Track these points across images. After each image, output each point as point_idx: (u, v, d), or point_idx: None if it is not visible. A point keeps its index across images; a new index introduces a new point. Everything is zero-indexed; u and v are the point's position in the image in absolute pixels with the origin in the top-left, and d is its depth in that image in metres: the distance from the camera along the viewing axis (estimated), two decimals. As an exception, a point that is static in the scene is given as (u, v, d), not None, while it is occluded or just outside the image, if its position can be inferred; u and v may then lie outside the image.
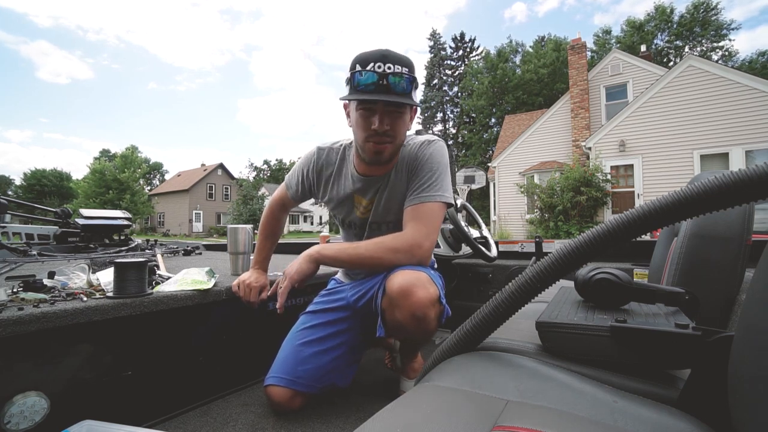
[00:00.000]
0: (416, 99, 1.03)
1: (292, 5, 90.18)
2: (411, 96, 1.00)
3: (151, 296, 1.07)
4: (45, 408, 0.89)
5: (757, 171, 0.39)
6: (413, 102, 1.00)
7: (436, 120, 33.27)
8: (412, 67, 0.99)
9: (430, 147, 1.11)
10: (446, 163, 1.11)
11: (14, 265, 1.56)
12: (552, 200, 10.70)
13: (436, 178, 1.07)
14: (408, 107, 1.04)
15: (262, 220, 1.39)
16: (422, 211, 1.05)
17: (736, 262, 0.81)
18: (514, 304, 0.54)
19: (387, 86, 0.95)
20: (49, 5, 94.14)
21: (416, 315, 1.01)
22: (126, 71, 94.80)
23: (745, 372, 0.38)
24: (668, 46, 26.98)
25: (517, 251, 2.39)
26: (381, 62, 0.95)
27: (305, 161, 1.25)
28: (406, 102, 0.98)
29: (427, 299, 1.01)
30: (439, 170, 1.09)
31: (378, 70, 0.95)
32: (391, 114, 1.01)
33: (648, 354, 0.57)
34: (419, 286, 1.01)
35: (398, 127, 1.04)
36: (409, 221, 1.06)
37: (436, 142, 1.13)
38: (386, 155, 1.07)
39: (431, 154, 1.10)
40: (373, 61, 0.95)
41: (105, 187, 23.86)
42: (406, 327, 1.05)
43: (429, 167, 1.08)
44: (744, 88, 9.12)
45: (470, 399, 0.47)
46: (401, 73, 0.96)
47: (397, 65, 0.96)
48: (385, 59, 0.96)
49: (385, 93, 0.96)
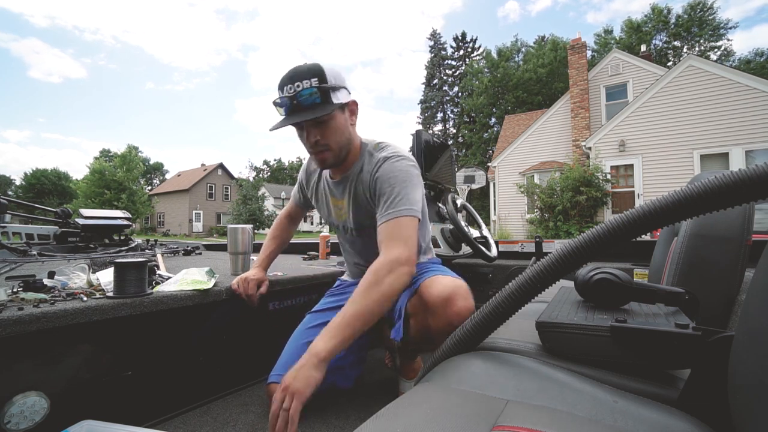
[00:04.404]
0: (339, 99, 1.03)
1: (289, 5, 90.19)
2: (327, 103, 1.01)
3: (151, 296, 1.07)
4: (45, 408, 0.89)
5: (757, 171, 0.39)
6: (323, 112, 1.00)
7: (437, 120, 33.28)
8: (321, 75, 1.00)
9: (386, 165, 1.09)
10: (407, 177, 1.07)
11: (14, 265, 1.56)
12: (552, 200, 10.69)
13: (398, 193, 1.04)
14: (336, 112, 1.04)
15: (272, 225, 1.48)
16: (391, 229, 1.01)
17: (736, 262, 0.81)
18: (514, 304, 0.54)
19: (299, 105, 1.00)
20: (45, 5, 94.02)
21: (454, 325, 0.99)
22: (123, 71, 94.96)
23: (745, 372, 0.38)
24: (666, 46, 27.01)
25: (517, 251, 2.39)
26: (290, 83, 0.99)
27: (301, 169, 1.35)
28: (316, 115, 0.99)
29: (467, 310, 1.01)
30: (399, 186, 1.05)
31: (289, 93, 0.99)
32: (317, 125, 1.04)
33: (648, 354, 0.57)
34: (461, 296, 1.01)
35: (328, 134, 1.05)
36: (381, 242, 1.01)
37: (395, 159, 1.10)
38: (330, 161, 1.11)
39: (389, 170, 1.07)
40: (284, 85, 1.00)
41: (104, 187, 23.85)
42: (436, 335, 1.03)
43: (389, 185, 1.06)
44: (744, 88, 9.12)
45: (470, 399, 0.47)
46: (309, 87, 0.99)
47: (305, 80, 0.99)
48: (293, 79, 0.99)
49: (298, 112, 1.01)
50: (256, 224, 23.49)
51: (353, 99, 1.11)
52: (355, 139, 1.15)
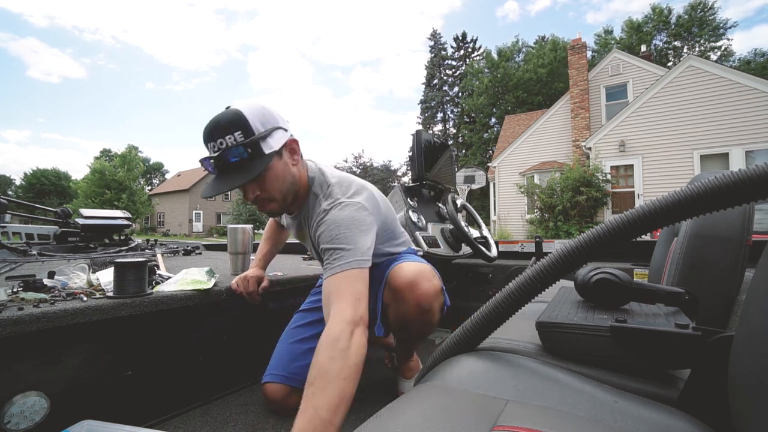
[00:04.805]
0: (272, 147, 0.92)
1: (288, 5, 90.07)
2: (258, 156, 0.91)
3: (151, 296, 1.07)
4: (45, 408, 0.89)
5: (757, 171, 0.39)
6: (257, 170, 0.90)
7: (437, 120, 33.24)
8: (245, 126, 0.89)
9: (328, 217, 0.97)
10: (352, 224, 0.94)
11: (14, 265, 1.56)
12: (552, 200, 10.69)
13: (342, 246, 0.91)
14: (273, 161, 0.93)
15: (265, 228, 1.46)
16: (338, 284, 0.87)
17: (736, 262, 0.81)
18: (514, 304, 0.54)
19: (227, 165, 0.90)
20: (44, 5, 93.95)
21: (422, 307, 1.03)
22: (123, 71, 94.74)
23: (745, 372, 0.38)
24: (667, 46, 27.01)
25: (517, 251, 2.39)
26: (212, 140, 0.89)
27: None
28: (248, 177, 0.90)
29: (433, 291, 1.03)
30: (343, 238, 0.92)
31: (213, 152, 0.90)
32: (254, 180, 0.93)
33: (648, 354, 0.57)
34: (424, 278, 1.03)
35: (267, 187, 0.96)
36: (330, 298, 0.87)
37: (338, 208, 0.97)
38: (277, 211, 1.04)
39: (332, 222, 0.95)
40: (207, 141, 0.91)
41: (104, 187, 23.86)
42: (411, 320, 1.07)
43: (331, 238, 0.93)
44: (744, 88, 9.12)
45: (470, 399, 0.47)
46: (235, 145, 0.88)
47: (227, 136, 0.88)
48: (214, 135, 0.89)
49: (228, 173, 0.91)
50: (256, 224, 23.49)
51: (290, 137, 0.99)
52: (301, 177, 1.04)
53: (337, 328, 0.79)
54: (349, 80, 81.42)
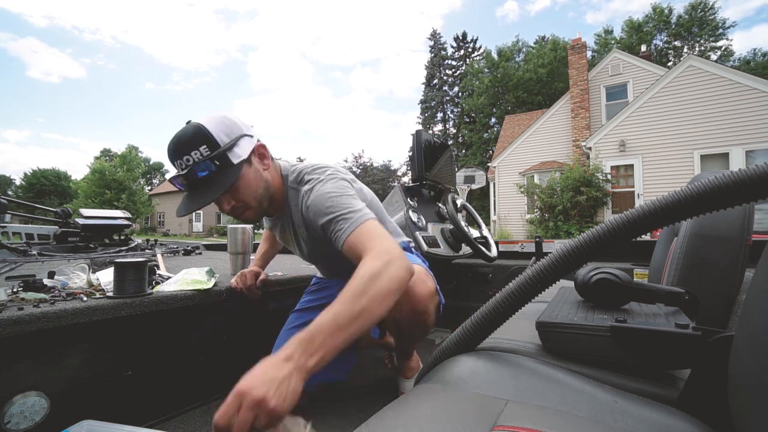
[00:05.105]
0: (240, 156, 0.92)
1: (288, 5, 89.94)
2: (226, 167, 0.90)
3: (151, 296, 1.07)
4: (45, 408, 0.89)
5: (757, 171, 0.39)
6: (228, 182, 0.89)
7: (437, 120, 33.25)
8: (209, 140, 0.88)
9: (313, 196, 0.96)
10: (340, 192, 0.94)
11: (14, 265, 1.56)
12: (552, 200, 10.69)
13: (341, 211, 0.90)
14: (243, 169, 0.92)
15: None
16: (359, 238, 0.85)
17: (736, 262, 0.81)
18: (514, 304, 0.54)
19: (195, 180, 0.89)
20: (44, 5, 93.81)
21: (417, 310, 1.02)
22: (123, 71, 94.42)
23: (745, 372, 0.38)
24: (667, 46, 27.01)
25: (517, 251, 2.39)
26: (178, 158, 0.88)
27: None
28: (221, 191, 0.89)
29: (427, 293, 1.02)
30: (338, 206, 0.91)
31: (181, 170, 0.89)
32: (228, 191, 0.92)
33: (648, 354, 0.57)
34: (417, 280, 1.00)
35: (241, 195, 0.95)
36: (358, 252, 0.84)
37: (318, 184, 0.97)
38: (254, 217, 1.03)
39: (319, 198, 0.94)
40: (173, 160, 0.90)
41: (104, 187, 23.87)
42: (406, 323, 1.05)
43: (327, 211, 0.92)
44: (744, 88, 9.12)
45: (470, 399, 0.47)
46: (201, 159, 0.87)
47: (193, 152, 0.87)
48: (178, 152, 0.88)
49: (199, 189, 0.91)
50: (256, 224, 23.40)
51: (257, 142, 0.98)
52: (274, 180, 1.03)
53: (369, 260, 0.77)
54: (348, 80, 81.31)
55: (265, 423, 0.57)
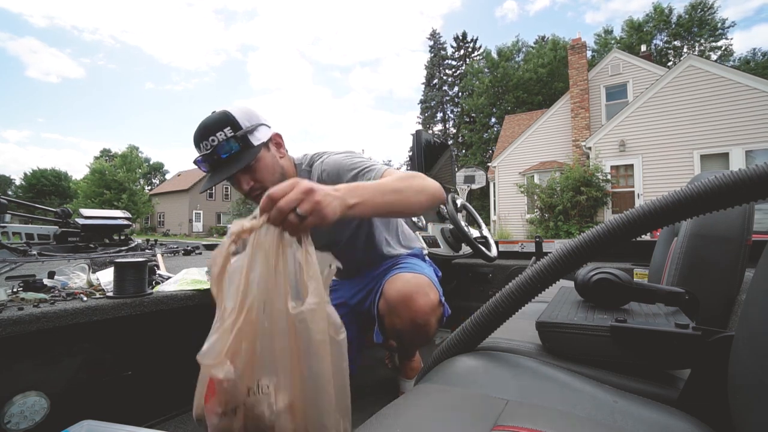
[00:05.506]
0: (259, 139, 0.98)
1: (288, 5, 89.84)
2: (248, 148, 0.96)
3: (151, 296, 1.07)
4: (45, 408, 0.89)
5: (757, 171, 0.39)
6: (248, 159, 0.95)
7: (436, 120, 33.24)
8: (233, 123, 0.95)
9: (328, 161, 1.04)
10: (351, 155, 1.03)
11: (14, 265, 1.56)
12: (552, 200, 10.70)
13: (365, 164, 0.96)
14: (261, 152, 0.98)
15: None
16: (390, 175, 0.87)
17: (736, 262, 0.81)
18: (514, 304, 0.54)
19: (219, 160, 0.95)
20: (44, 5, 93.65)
21: (417, 323, 1.00)
22: (122, 71, 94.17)
23: (745, 372, 0.38)
24: (667, 46, 27.00)
25: (517, 251, 2.39)
26: (203, 140, 0.94)
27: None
28: (242, 165, 0.95)
29: (429, 306, 1.00)
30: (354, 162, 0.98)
31: (206, 150, 0.94)
32: (246, 172, 0.98)
33: (648, 354, 0.57)
34: (420, 293, 0.99)
35: (260, 177, 1.00)
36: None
37: (332, 155, 1.06)
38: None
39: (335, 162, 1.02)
40: (198, 143, 0.96)
41: (104, 187, 23.88)
42: (405, 334, 1.04)
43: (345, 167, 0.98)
44: (744, 88, 9.12)
45: (470, 399, 0.47)
46: (225, 139, 0.94)
47: (218, 133, 0.93)
48: (204, 135, 0.94)
49: (222, 167, 0.96)
50: (256, 224, 23.35)
51: (275, 132, 1.05)
52: (289, 170, 1.09)
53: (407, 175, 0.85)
54: (348, 80, 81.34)
55: (307, 209, 0.61)
